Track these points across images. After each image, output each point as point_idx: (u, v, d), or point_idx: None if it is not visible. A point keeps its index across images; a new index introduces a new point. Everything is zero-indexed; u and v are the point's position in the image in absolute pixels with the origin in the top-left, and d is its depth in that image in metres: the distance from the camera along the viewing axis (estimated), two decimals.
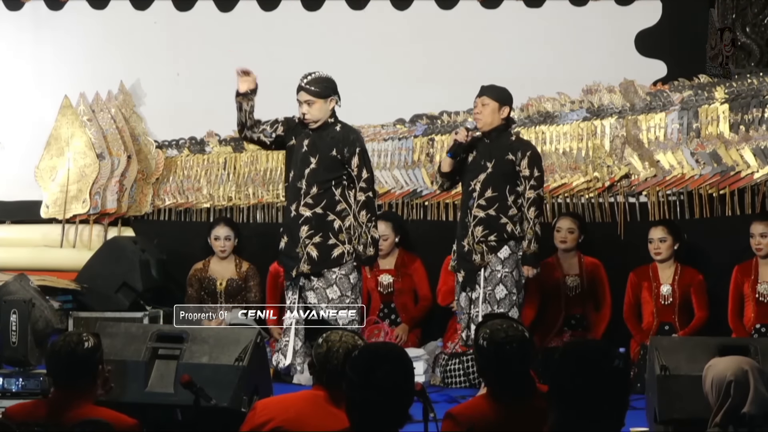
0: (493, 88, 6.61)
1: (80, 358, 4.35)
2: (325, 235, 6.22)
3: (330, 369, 4.25)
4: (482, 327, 4.09)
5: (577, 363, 3.17)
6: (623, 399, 3.19)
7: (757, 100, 7.59)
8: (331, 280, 6.23)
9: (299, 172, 6.24)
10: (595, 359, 3.17)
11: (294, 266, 6.24)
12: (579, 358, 3.19)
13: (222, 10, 8.69)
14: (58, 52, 8.79)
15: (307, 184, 6.23)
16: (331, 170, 6.23)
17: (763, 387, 4.35)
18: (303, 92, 6.26)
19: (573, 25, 8.33)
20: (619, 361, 3.18)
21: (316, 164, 6.24)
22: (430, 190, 8.20)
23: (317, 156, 6.24)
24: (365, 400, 3.44)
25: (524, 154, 6.53)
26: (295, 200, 6.24)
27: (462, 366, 7.25)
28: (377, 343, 5.62)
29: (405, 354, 3.61)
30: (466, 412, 4.03)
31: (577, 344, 3.29)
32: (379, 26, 8.52)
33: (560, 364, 3.19)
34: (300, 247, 6.22)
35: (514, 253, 6.51)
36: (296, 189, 6.24)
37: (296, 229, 6.23)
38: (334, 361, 4.25)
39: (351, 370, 3.50)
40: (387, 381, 3.43)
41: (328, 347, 4.29)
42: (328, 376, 4.27)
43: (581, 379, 3.14)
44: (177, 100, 8.67)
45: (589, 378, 3.14)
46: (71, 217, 8.49)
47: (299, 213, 6.23)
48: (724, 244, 7.51)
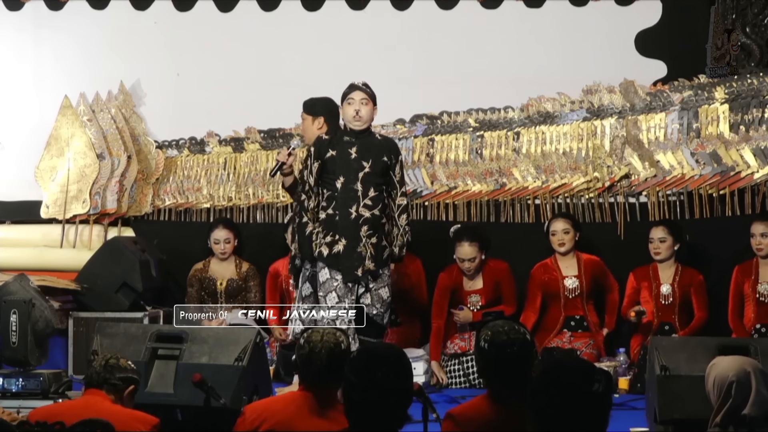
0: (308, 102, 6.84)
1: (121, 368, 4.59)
2: (379, 236, 6.44)
3: (314, 370, 4.26)
4: (484, 328, 4.09)
5: (556, 385, 3.10)
6: (602, 421, 3.10)
7: (757, 100, 7.59)
8: (384, 281, 6.47)
9: (352, 176, 6.41)
10: (573, 383, 3.09)
11: (356, 267, 6.37)
12: (557, 380, 3.11)
13: (222, 10, 8.69)
14: (58, 52, 8.78)
15: (363, 186, 6.42)
16: (381, 174, 6.47)
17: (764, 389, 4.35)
18: (359, 91, 6.47)
19: (573, 25, 8.32)
20: (599, 384, 3.09)
21: (370, 168, 6.45)
22: (430, 190, 8.20)
23: (370, 161, 6.44)
24: (364, 401, 3.44)
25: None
26: (353, 202, 6.39)
27: (462, 366, 7.25)
28: (376, 344, 5.62)
29: (404, 355, 3.62)
30: (466, 412, 4.03)
31: (557, 365, 3.16)
32: (379, 26, 8.52)
33: (539, 385, 3.13)
34: (362, 246, 6.38)
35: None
36: (352, 192, 6.40)
37: (357, 229, 6.38)
38: (318, 362, 4.26)
39: (350, 370, 3.50)
40: (386, 381, 3.44)
41: (311, 348, 4.29)
42: (313, 377, 4.27)
43: (560, 400, 3.07)
44: (177, 100, 8.67)
45: (567, 401, 3.07)
46: (71, 218, 8.48)
47: (359, 214, 6.39)
48: (724, 244, 7.51)
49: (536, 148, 8.11)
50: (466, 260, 7.42)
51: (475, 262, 7.41)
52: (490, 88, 8.23)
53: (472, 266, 7.42)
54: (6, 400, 5.94)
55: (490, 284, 7.49)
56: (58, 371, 6.41)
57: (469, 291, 7.51)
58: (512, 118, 8.18)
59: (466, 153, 8.22)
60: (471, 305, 7.47)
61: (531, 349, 4.03)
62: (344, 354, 4.30)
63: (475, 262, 7.41)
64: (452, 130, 8.27)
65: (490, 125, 8.21)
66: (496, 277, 7.51)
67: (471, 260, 7.41)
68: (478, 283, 7.49)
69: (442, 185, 8.19)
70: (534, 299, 7.48)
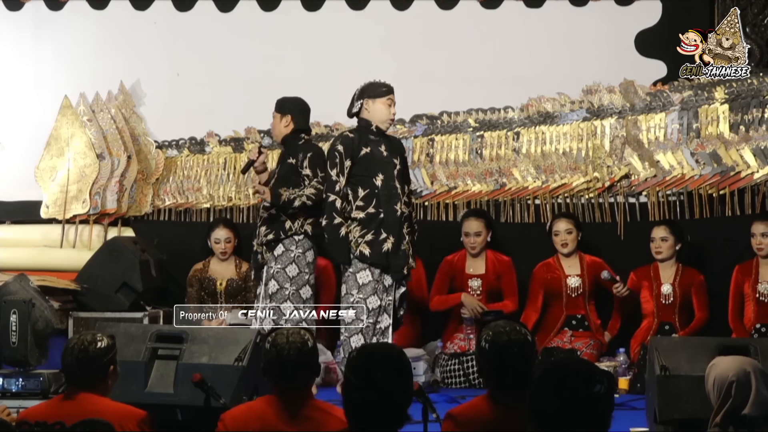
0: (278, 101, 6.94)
1: (91, 358, 4.40)
2: (411, 233, 6.60)
3: (286, 372, 4.23)
4: (485, 329, 4.09)
5: (556, 386, 3.04)
6: (604, 423, 3.04)
7: (757, 101, 7.59)
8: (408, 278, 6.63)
9: (389, 173, 6.49)
10: (574, 385, 3.03)
11: (403, 264, 6.49)
12: (558, 381, 3.05)
13: (222, 10, 8.68)
14: (58, 52, 8.78)
15: (400, 183, 6.54)
16: (406, 172, 6.67)
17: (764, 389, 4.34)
18: (393, 94, 6.61)
19: (573, 25, 8.32)
20: (601, 386, 3.03)
21: (401, 165, 6.59)
22: (430, 190, 8.20)
23: (398, 158, 6.59)
24: (364, 401, 3.43)
25: (305, 155, 6.75)
26: (396, 200, 6.47)
27: (462, 366, 7.25)
28: (375, 344, 5.61)
29: (403, 354, 3.61)
30: (466, 413, 4.03)
31: (558, 366, 3.10)
32: (379, 26, 8.52)
33: (539, 385, 3.08)
34: (406, 244, 6.50)
35: (288, 250, 6.71)
36: (393, 189, 6.48)
37: (401, 227, 6.48)
38: (289, 362, 4.23)
39: (349, 371, 3.49)
40: (385, 381, 3.42)
41: (278, 350, 4.25)
42: (286, 379, 4.24)
43: (560, 402, 3.02)
44: (177, 100, 8.66)
45: (568, 403, 3.01)
46: (71, 218, 8.48)
47: (402, 211, 6.50)
48: (724, 244, 7.50)
49: (536, 148, 8.11)
50: (472, 234, 7.49)
51: (480, 237, 7.45)
52: (490, 88, 8.23)
53: (477, 241, 7.46)
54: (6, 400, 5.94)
55: (491, 272, 7.52)
56: (58, 371, 6.39)
57: (471, 275, 7.52)
58: (512, 118, 8.18)
59: (466, 153, 8.22)
60: (471, 290, 7.48)
61: (532, 350, 4.03)
62: (312, 351, 4.30)
63: (480, 237, 7.45)
64: (452, 130, 8.27)
65: (490, 125, 8.22)
66: (498, 267, 7.53)
67: (477, 234, 7.48)
68: (480, 268, 7.49)
69: (442, 185, 8.19)
70: (536, 298, 7.50)
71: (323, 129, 8.40)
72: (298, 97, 6.95)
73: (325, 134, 8.39)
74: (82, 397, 4.35)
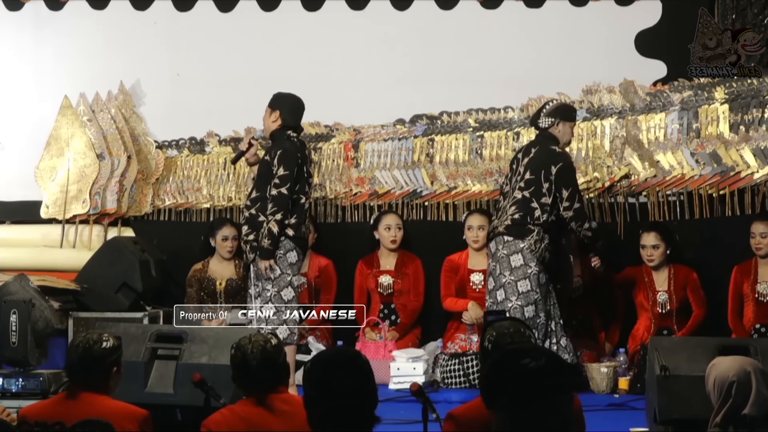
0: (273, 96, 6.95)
1: (95, 357, 4.41)
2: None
3: (252, 372, 4.34)
4: (489, 329, 4.09)
5: (496, 371, 2.99)
6: (548, 391, 2.92)
7: (757, 101, 7.58)
8: None
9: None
10: (509, 365, 2.97)
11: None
12: (496, 365, 3.01)
13: (222, 10, 8.69)
14: (58, 52, 8.78)
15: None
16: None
17: (765, 389, 4.35)
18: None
19: (573, 25, 8.33)
20: (531, 360, 2.93)
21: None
22: (430, 190, 8.20)
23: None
24: (327, 410, 3.35)
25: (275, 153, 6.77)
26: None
27: (462, 366, 7.25)
28: (329, 350, 5.63)
29: (359, 355, 3.54)
30: (467, 413, 4.03)
31: (499, 353, 3.09)
32: (379, 26, 8.52)
33: (489, 373, 3.04)
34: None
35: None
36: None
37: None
38: (254, 362, 4.34)
39: (307, 383, 3.42)
40: (344, 387, 3.35)
41: (243, 353, 4.38)
42: (252, 381, 4.35)
43: (515, 388, 2.94)
44: (177, 100, 8.66)
45: (507, 383, 2.94)
46: (71, 218, 8.48)
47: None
48: (724, 244, 7.50)
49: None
50: (476, 227, 7.50)
51: (483, 231, 7.44)
52: (490, 88, 8.23)
53: (480, 236, 7.46)
54: (6, 400, 5.94)
55: None
56: (58, 371, 6.40)
57: (473, 269, 7.52)
58: (512, 118, 8.18)
59: (466, 153, 8.22)
60: (473, 285, 7.47)
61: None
62: (276, 349, 4.40)
63: (483, 231, 7.44)
64: (452, 130, 8.27)
65: (490, 125, 8.21)
66: None
67: (480, 228, 7.48)
68: (483, 263, 7.48)
69: (442, 185, 8.19)
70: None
71: (323, 129, 8.40)
72: (292, 94, 6.92)
73: (325, 134, 8.39)
74: (84, 396, 4.36)
